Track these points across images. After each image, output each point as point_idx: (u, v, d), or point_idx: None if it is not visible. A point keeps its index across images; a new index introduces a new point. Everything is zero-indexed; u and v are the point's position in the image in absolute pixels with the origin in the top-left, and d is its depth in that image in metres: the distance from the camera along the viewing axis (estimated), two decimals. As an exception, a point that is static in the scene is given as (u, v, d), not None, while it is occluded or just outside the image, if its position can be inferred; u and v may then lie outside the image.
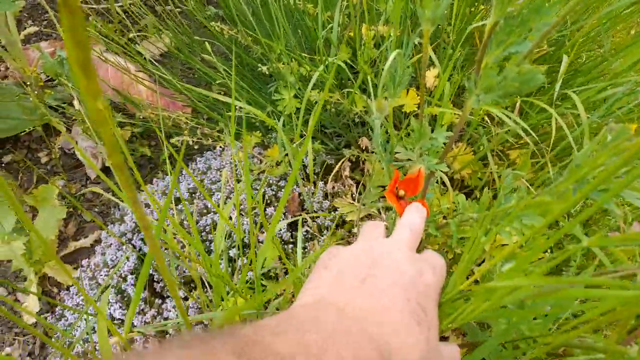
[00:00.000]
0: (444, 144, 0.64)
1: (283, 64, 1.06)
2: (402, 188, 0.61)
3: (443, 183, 0.98)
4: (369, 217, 1.01)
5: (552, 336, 0.50)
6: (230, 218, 1.04)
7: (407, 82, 0.58)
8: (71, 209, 1.43)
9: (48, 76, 1.70)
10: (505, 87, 0.47)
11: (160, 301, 1.04)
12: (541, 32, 0.45)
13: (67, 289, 1.26)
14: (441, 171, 0.98)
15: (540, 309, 0.55)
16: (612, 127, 0.51)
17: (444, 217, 0.84)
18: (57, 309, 1.11)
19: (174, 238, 1.02)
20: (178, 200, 1.14)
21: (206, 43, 0.96)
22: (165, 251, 1.00)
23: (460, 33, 0.92)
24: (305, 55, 1.10)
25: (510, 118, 0.85)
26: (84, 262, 1.17)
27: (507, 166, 1.01)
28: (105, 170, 1.49)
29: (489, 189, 1.01)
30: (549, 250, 0.88)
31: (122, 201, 0.92)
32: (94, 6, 2.04)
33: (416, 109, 1.04)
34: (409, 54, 0.91)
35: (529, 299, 0.46)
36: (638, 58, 0.83)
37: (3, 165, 1.53)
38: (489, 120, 0.92)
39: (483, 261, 0.88)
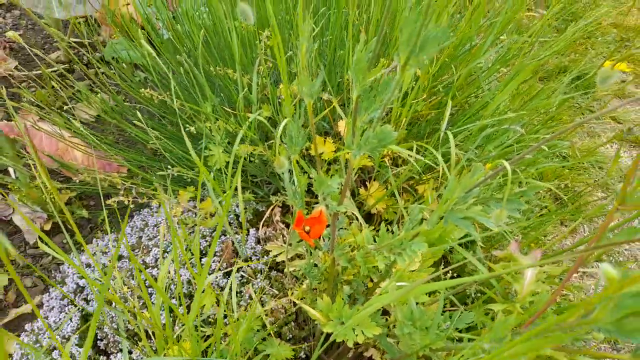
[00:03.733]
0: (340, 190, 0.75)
1: (211, 124, 1.15)
2: (308, 225, 0.73)
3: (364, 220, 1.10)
4: (299, 257, 1.10)
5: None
6: (170, 272, 1.10)
7: (302, 143, 0.69)
8: (10, 276, 1.43)
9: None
10: (369, 144, 0.60)
11: (104, 358, 1.07)
12: (391, 99, 0.58)
13: (10, 356, 1.26)
14: (357, 208, 1.09)
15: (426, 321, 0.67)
16: (473, 167, 0.65)
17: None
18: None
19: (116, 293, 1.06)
20: (119, 257, 1.19)
21: (137, 111, 1.05)
22: (109, 307, 1.05)
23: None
24: (230, 110, 1.21)
25: (410, 157, 0.98)
26: (27, 326, 1.18)
27: (416, 200, 1.14)
28: (46, 233, 1.50)
29: (401, 221, 1.14)
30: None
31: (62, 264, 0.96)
32: (26, 73, 2.09)
33: (334, 155, 1.17)
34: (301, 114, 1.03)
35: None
36: (504, 99, 0.99)
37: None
38: (388, 162, 1.05)
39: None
